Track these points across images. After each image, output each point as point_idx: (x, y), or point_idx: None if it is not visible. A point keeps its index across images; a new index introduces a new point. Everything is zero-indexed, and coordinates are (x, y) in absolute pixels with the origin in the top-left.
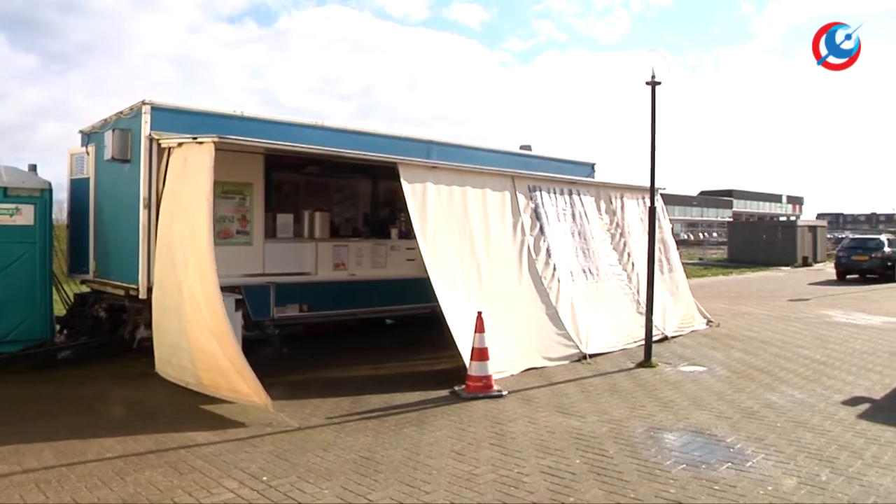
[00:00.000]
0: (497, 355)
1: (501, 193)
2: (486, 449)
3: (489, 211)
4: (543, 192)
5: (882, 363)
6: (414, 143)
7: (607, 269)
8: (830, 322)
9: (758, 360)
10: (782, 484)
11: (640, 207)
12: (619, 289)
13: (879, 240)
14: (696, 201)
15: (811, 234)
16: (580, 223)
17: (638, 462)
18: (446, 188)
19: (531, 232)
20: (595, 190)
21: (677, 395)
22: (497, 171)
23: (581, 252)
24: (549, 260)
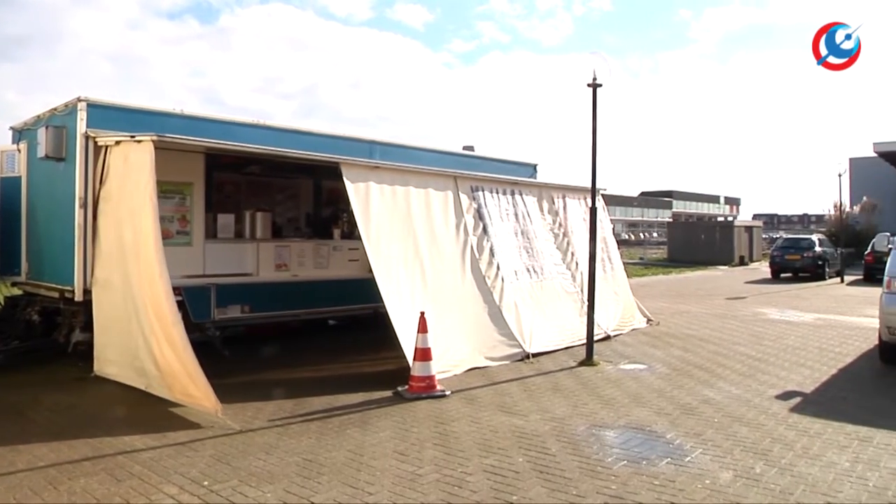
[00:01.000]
0: (440, 355)
1: (444, 193)
2: (430, 449)
3: (432, 211)
4: (486, 193)
5: (813, 358)
6: (357, 143)
7: (552, 268)
8: (765, 319)
9: (696, 357)
10: (719, 477)
11: (582, 208)
12: (563, 288)
13: (811, 240)
14: (637, 202)
15: (747, 234)
16: (523, 223)
17: (580, 459)
18: (389, 188)
19: (474, 232)
20: (537, 190)
21: (618, 392)
22: (440, 172)
23: (525, 251)
24: (492, 259)
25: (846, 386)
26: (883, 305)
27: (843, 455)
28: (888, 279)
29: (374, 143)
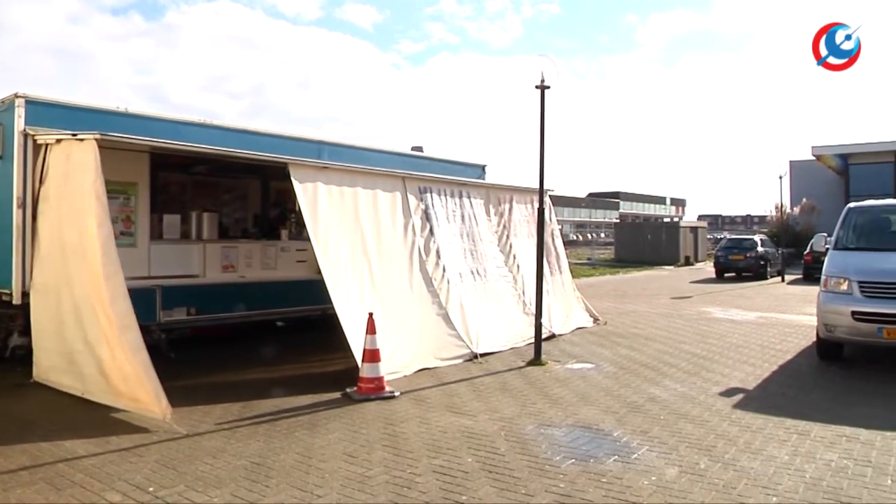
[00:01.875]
0: (389, 356)
1: (392, 194)
2: (379, 450)
3: (380, 212)
4: (434, 194)
5: (755, 356)
6: (305, 144)
7: (494, 271)
8: (710, 318)
9: (643, 355)
10: (665, 473)
11: (529, 209)
12: (506, 289)
13: (753, 240)
14: (585, 203)
15: (693, 234)
16: (469, 225)
17: (529, 458)
18: (337, 189)
19: (421, 233)
20: (485, 192)
21: (566, 391)
22: (388, 172)
23: (469, 253)
24: (438, 261)
25: (786, 382)
26: (820, 304)
27: (782, 449)
28: (825, 278)
29: (323, 144)
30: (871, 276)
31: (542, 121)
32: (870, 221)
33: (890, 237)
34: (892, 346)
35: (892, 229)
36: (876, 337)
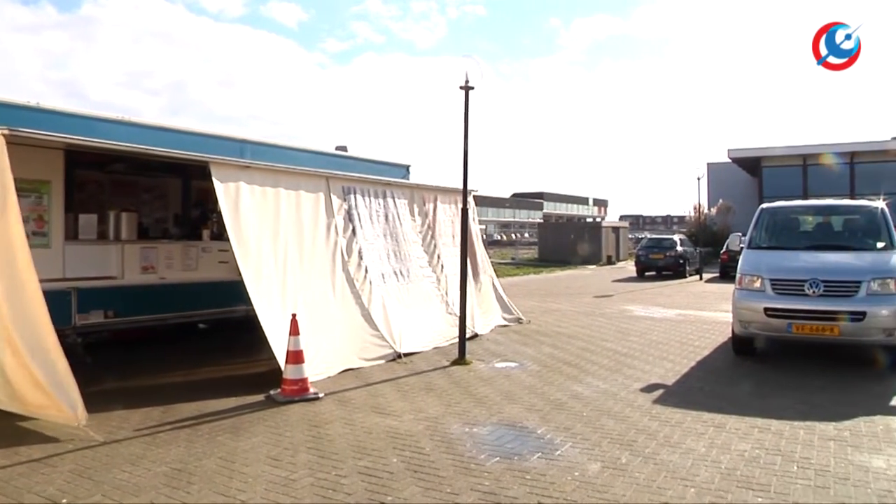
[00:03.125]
0: (313, 357)
1: (316, 194)
2: (304, 453)
3: (303, 212)
4: (358, 194)
5: (674, 352)
6: (227, 142)
7: (418, 271)
8: (631, 316)
9: (566, 353)
10: (588, 469)
11: (453, 209)
12: (430, 289)
13: (673, 239)
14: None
15: (614, 234)
16: (393, 225)
17: (454, 458)
18: (259, 189)
19: (344, 234)
20: (409, 192)
21: (491, 390)
22: (312, 172)
23: (393, 254)
24: (361, 262)
25: (704, 377)
26: (735, 301)
27: (700, 441)
28: (740, 276)
29: (246, 143)
30: (781, 273)
31: (466, 121)
32: (781, 222)
33: (799, 237)
34: (800, 340)
35: (801, 229)
36: (786, 332)
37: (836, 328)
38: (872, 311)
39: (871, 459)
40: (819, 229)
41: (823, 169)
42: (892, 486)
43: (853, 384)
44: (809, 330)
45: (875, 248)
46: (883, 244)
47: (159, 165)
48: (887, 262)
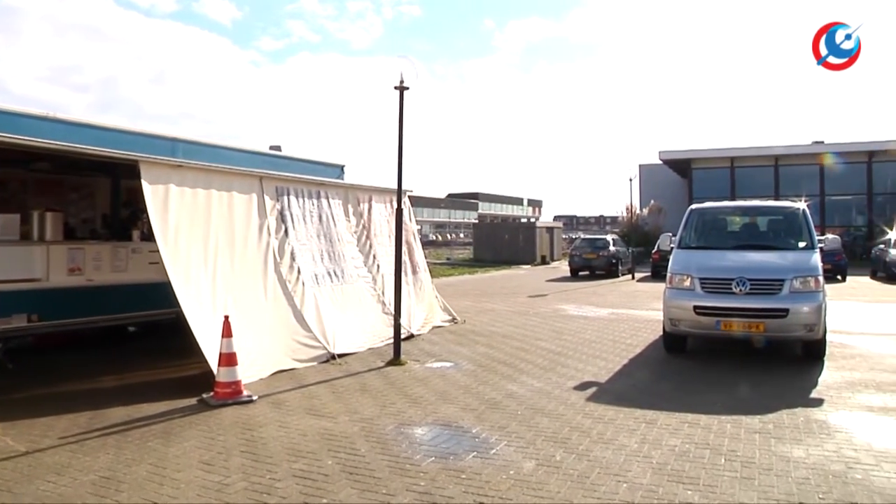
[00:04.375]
0: (245, 360)
1: (248, 195)
2: (237, 457)
3: (235, 212)
4: (291, 194)
5: (607, 350)
6: (159, 141)
7: (352, 272)
8: (565, 315)
9: (500, 353)
10: (523, 467)
11: (388, 209)
12: (364, 290)
13: (606, 240)
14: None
15: (549, 234)
16: (327, 226)
17: (389, 458)
18: (190, 189)
19: (276, 234)
20: (343, 192)
21: (426, 390)
22: (245, 172)
23: (326, 255)
24: (293, 263)
25: (636, 374)
26: (666, 299)
27: (632, 438)
28: (670, 275)
29: (177, 141)
30: (710, 272)
31: (401, 122)
32: (709, 222)
33: (727, 236)
34: (728, 337)
35: (728, 229)
36: (714, 329)
37: (762, 325)
38: (795, 308)
39: (792, 449)
40: (745, 229)
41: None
42: (810, 474)
43: (777, 378)
44: (737, 327)
45: (797, 247)
46: (804, 244)
47: (87, 164)
48: (808, 261)
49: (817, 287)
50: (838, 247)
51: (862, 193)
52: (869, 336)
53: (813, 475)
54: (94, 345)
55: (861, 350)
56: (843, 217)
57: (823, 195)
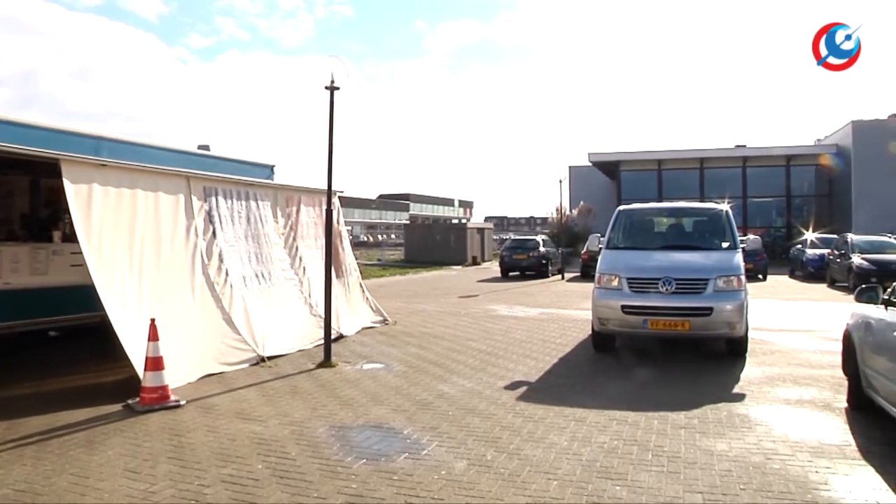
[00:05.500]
0: (173, 363)
1: (175, 196)
2: (164, 463)
3: (162, 213)
4: (219, 195)
5: (537, 350)
6: (82, 139)
7: (280, 274)
8: (495, 315)
9: (432, 354)
10: (454, 467)
11: (318, 210)
12: (292, 292)
13: (536, 240)
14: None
15: (480, 235)
16: (255, 227)
17: (320, 461)
18: (115, 189)
19: (204, 236)
20: (273, 192)
21: (357, 392)
22: (172, 172)
23: (255, 256)
24: (221, 265)
25: (565, 373)
26: (595, 299)
27: (562, 436)
28: (599, 275)
29: (102, 140)
30: (637, 272)
31: (331, 122)
32: (637, 223)
33: (654, 237)
34: (655, 335)
35: (655, 230)
36: (642, 328)
37: (688, 323)
38: (718, 307)
39: (716, 443)
40: (671, 230)
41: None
42: (733, 466)
43: (702, 375)
44: (663, 325)
45: (720, 247)
46: (727, 244)
47: (4, 162)
48: (731, 261)
49: (739, 286)
50: (759, 247)
51: (781, 196)
52: (787, 332)
53: (735, 467)
54: (12, 351)
55: (780, 346)
56: (763, 218)
57: (746, 197)
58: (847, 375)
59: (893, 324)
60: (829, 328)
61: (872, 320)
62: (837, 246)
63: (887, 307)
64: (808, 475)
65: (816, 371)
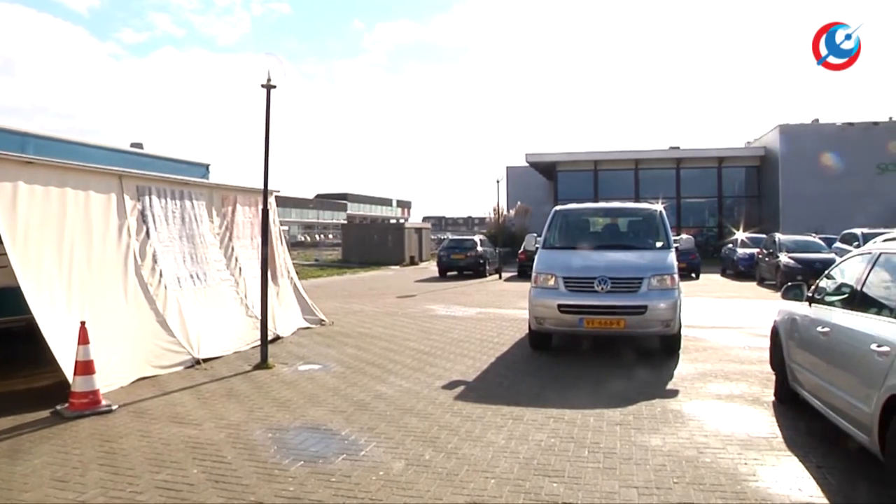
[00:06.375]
0: (104, 367)
1: (107, 195)
2: (95, 471)
3: (92, 213)
4: (153, 194)
5: (475, 349)
6: (6, 135)
7: (215, 274)
8: (433, 315)
9: (369, 354)
10: (392, 467)
11: (254, 210)
12: (228, 293)
13: (473, 240)
14: (313, 204)
15: (417, 235)
16: (189, 227)
17: (257, 464)
18: (42, 187)
19: (137, 236)
20: (208, 192)
21: (294, 394)
22: (103, 170)
23: (189, 257)
24: (155, 266)
25: (503, 372)
26: (531, 298)
27: (499, 434)
28: (535, 275)
29: (28, 136)
30: (573, 272)
31: (268, 121)
32: (573, 223)
33: (590, 237)
34: (591, 334)
35: (591, 230)
36: (578, 326)
37: (623, 321)
38: (652, 305)
39: (650, 439)
40: (607, 230)
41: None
42: (667, 461)
43: (637, 372)
44: (599, 324)
45: (654, 247)
46: (661, 243)
47: None
48: (664, 260)
49: (673, 285)
50: (692, 246)
51: (713, 197)
52: (719, 329)
53: (669, 462)
54: None
55: (712, 343)
56: (696, 218)
57: (679, 198)
58: (774, 370)
59: (817, 320)
60: (758, 325)
61: (798, 317)
62: (766, 245)
63: (811, 304)
64: (738, 467)
65: (746, 367)
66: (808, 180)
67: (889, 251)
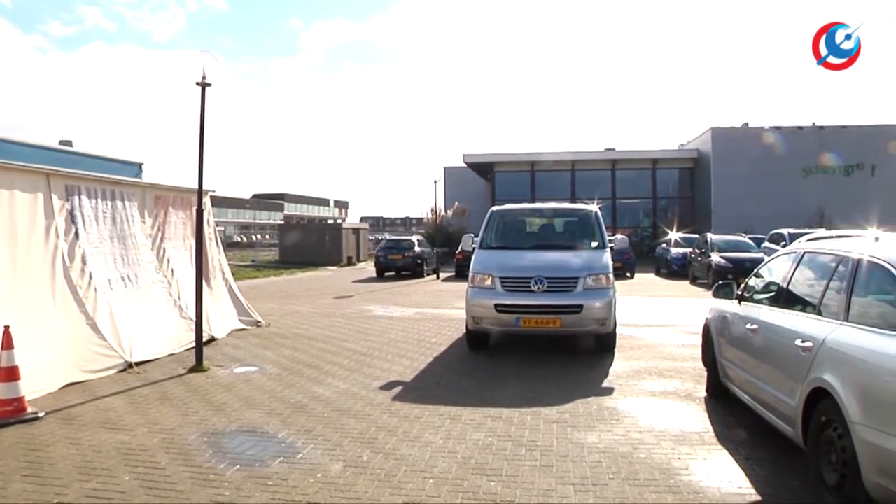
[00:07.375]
0: (30, 373)
1: (33, 194)
2: (18, 482)
3: (17, 213)
4: (83, 194)
5: (412, 349)
6: None
7: (147, 276)
8: (370, 316)
9: (306, 356)
10: (330, 469)
11: (188, 210)
12: (160, 295)
13: (411, 240)
14: (249, 204)
15: (355, 235)
16: (121, 227)
17: (192, 470)
18: None
19: (65, 237)
20: (140, 191)
21: (230, 396)
22: (29, 168)
23: (120, 258)
24: (84, 267)
25: (440, 372)
26: (469, 298)
27: (437, 434)
28: (472, 275)
29: None
30: (510, 272)
31: (203, 119)
32: (509, 223)
33: (526, 237)
34: (528, 333)
35: (527, 230)
36: (515, 326)
37: (559, 320)
38: (588, 304)
39: (586, 436)
40: (543, 230)
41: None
42: (602, 458)
43: (573, 370)
44: (535, 323)
45: (590, 246)
46: (597, 243)
47: None
48: (600, 260)
49: (608, 284)
50: (627, 246)
51: (648, 197)
52: (653, 328)
53: (604, 458)
54: None
55: (646, 341)
56: (632, 218)
57: (615, 198)
58: (706, 367)
59: (746, 318)
60: (691, 323)
61: (728, 314)
62: (698, 245)
63: (741, 302)
64: (672, 462)
65: (679, 363)
66: (739, 182)
67: (813, 250)
